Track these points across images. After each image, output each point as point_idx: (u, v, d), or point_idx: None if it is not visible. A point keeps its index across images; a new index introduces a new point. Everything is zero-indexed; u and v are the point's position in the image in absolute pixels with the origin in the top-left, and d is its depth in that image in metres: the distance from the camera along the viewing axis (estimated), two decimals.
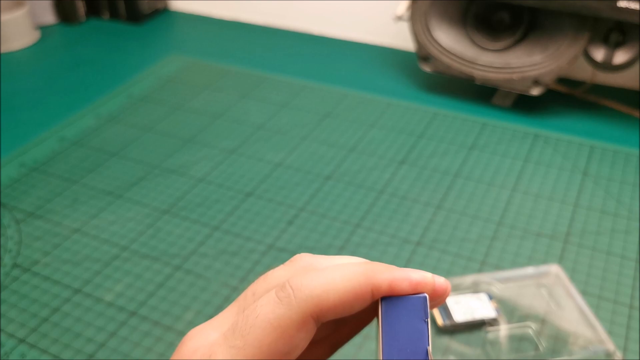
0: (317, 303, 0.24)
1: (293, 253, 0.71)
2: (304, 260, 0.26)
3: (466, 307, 0.61)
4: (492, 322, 0.60)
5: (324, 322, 0.26)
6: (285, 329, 0.24)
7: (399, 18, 1.00)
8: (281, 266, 0.27)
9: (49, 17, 1.30)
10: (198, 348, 0.25)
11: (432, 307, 0.29)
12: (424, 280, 0.26)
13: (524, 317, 0.60)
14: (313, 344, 0.32)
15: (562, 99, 1.01)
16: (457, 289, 0.62)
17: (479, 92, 1.02)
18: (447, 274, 0.67)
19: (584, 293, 0.64)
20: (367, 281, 0.25)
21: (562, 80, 1.05)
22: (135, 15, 1.30)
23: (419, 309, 0.26)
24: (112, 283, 0.67)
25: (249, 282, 0.67)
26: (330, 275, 0.25)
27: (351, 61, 1.15)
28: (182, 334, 0.61)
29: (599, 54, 0.91)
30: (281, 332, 0.24)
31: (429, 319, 0.26)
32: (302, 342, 0.25)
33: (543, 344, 0.58)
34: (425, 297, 0.26)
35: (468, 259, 0.69)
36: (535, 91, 0.92)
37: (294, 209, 0.77)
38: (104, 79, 1.09)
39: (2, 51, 1.20)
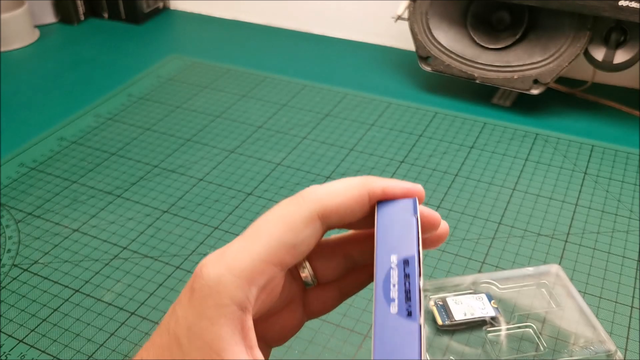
0: (322, 204, 0.29)
1: None
2: (312, 186, 0.32)
3: (466, 307, 0.61)
4: (492, 322, 0.60)
5: (330, 225, 0.30)
6: (294, 222, 0.28)
7: (399, 18, 1.00)
8: None
9: (48, 16, 1.30)
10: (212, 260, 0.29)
11: (431, 245, 0.34)
12: (414, 188, 0.32)
13: (524, 317, 0.60)
14: (323, 286, 0.36)
15: (563, 98, 1.01)
16: (457, 289, 0.62)
17: (479, 92, 1.02)
18: (447, 274, 0.67)
19: (585, 293, 0.64)
20: (364, 187, 0.31)
21: (562, 80, 1.04)
22: (134, 15, 1.30)
23: (409, 207, 0.31)
24: (111, 283, 0.67)
25: None
26: (333, 185, 0.31)
27: (351, 61, 1.15)
28: None
29: (599, 54, 0.91)
30: (291, 224, 0.28)
31: (418, 215, 0.30)
32: (309, 239, 0.29)
33: (543, 344, 0.57)
34: (415, 199, 0.31)
35: (468, 259, 0.69)
36: (536, 91, 0.92)
37: None
38: (103, 79, 1.09)
39: (1, 51, 1.20)
